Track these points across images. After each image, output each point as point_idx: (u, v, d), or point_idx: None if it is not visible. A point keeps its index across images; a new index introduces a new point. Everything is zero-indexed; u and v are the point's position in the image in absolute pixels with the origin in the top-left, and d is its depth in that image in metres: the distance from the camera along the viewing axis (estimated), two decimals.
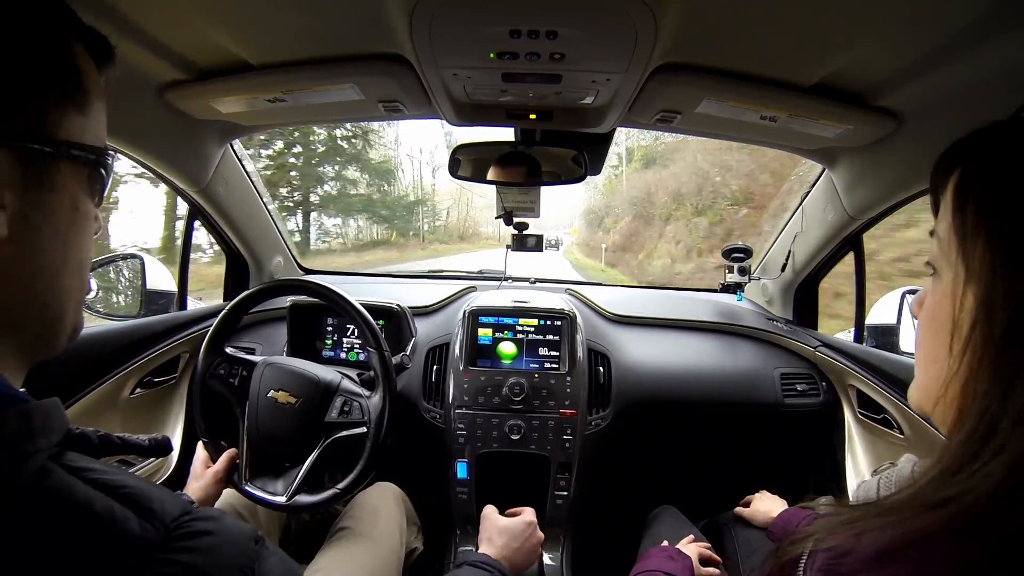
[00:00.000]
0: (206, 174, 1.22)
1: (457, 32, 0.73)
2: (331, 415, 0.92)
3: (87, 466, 0.32)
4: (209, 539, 0.32)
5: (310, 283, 0.97)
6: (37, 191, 0.32)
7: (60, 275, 0.35)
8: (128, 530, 0.30)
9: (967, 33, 0.66)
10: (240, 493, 0.93)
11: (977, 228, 0.33)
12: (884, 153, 1.03)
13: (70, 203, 0.35)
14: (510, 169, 1.25)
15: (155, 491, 0.33)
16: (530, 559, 0.89)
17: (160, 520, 0.31)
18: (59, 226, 0.34)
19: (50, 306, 0.35)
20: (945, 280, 0.36)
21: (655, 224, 13.87)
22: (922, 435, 1.02)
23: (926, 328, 0.39)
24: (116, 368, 1.09)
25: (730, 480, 1.37)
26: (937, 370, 0.36)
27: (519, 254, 1.49)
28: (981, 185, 0.34)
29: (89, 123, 0.35)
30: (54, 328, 0.36)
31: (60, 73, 0.33)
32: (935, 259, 0.38)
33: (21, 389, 0.34)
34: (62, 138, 0.33)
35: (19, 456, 0.29)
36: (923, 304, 0.40)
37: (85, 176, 0.36)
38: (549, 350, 1.25)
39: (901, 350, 1.28)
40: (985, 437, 0.30)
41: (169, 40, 0.83)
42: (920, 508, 0.31)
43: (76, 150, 0.34)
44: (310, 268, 1.81)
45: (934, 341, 0.37)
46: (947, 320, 0.35)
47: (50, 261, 0.34)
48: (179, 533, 0.31)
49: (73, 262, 0.36)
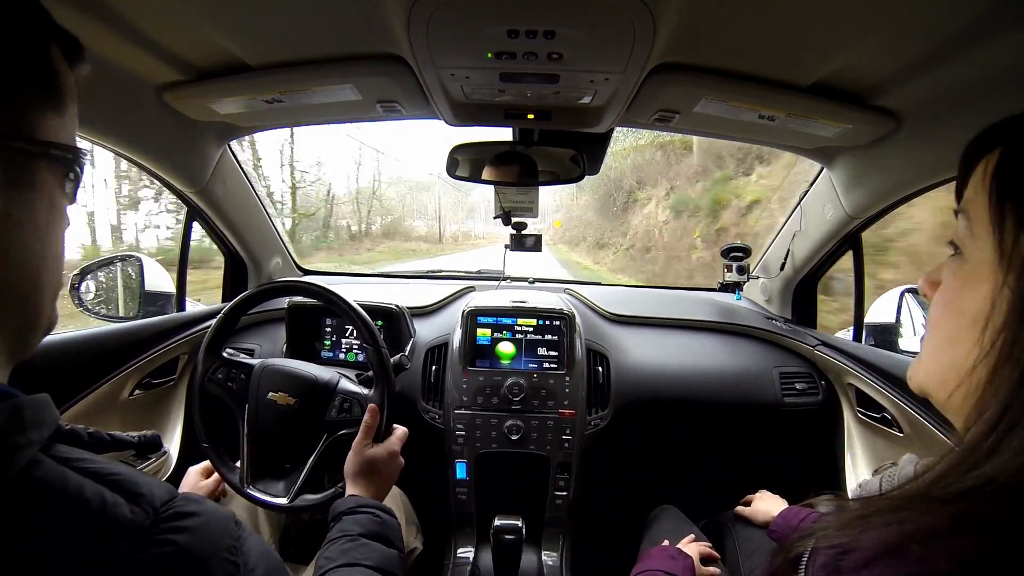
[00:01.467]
0: (204, 175, 1.22)
1: (455, 32, 0.73)
2: (330, 414, 0.92)
3: (76, 456, 0.34)
4: (196, 519, 0.34)
5: (306, 283, 0.97)
6: (19, 189, 0.34)
7: (39, 270, 0.36)
8: (119, 514, 0.31)
9: (966, 33, 0.66)
10: (242, 496, 0.92)
11: (1020, 218, 0.32)
12: (883, 152, 1.03)
13: (48, 201, 0.36)
14: (508, 169, 1.25)
15: (142, 477, 0.35)
16: (389, 485, 0.84)
17: (149, 504, 0.33)
18: (39, 222, 0.35)
19: (30, 300, 0.36)
20: (972, 263, 0.35)
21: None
22: (921, 433, 1.02)
23: (944, 310, 0.38)
24: (115, 369, 1.09)
25: (730, 479, 1.37)
26: (953, 354, 0.35)
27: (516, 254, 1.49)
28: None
29: (65, 124, 0.37)
30: (33, 322, 0.37)
31: (40, 76, 0.35)
32: (960, 240, 0.36)
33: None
34: (42, 138, 0.34)
35: (10, 448, 0.30)
36: (938, 285, 0.38)
37: (61, 175, 0.37)
38: (548, 350, 1.25)
39: (901, 348, 1.28)
40: (1006, 431, 0.29)
41: (167, 41, 0.83)
42: (929, 503, 0.30)
43: (55, 150, 0.35)
44: (309, 269, 1.81)
45: (952, 324, 0.36)
46: (971, 305, 0.34)
47: (30, 256, 0.35)
48: (167, 515, 0.33)
49: (51, 257, 0.37)
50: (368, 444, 0.83)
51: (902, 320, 1.30)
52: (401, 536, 0.74)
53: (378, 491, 0.80)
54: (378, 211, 18.80)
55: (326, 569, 0.63)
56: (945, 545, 0.28)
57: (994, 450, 0.29)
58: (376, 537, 0.69)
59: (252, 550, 0.38)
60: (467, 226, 25.33)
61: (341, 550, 0.65)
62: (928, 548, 0.28)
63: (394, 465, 0.84)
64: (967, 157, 0.37)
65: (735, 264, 1.60)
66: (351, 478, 0.81)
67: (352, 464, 0.81)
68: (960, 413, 0.35)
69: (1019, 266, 0.31)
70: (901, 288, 1.33)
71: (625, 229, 11.86)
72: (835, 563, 0.31)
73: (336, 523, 0.71)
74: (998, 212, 0.33)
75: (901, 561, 0.29)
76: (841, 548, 0.31)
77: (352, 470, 0.81)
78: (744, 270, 1.59)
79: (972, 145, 0.37)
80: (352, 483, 0.80)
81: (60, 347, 0.99)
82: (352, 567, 0.63)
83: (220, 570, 0.35)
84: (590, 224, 14.77)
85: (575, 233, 16.07)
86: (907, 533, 0.29)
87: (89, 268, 1.26)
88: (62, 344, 1.00)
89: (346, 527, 0.69)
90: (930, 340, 0.39)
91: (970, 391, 0.34)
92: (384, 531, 0.71)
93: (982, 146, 0.36)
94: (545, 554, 1.22)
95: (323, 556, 0.65)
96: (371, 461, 0.81)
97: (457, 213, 24.76)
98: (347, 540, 0.67)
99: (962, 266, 0.36)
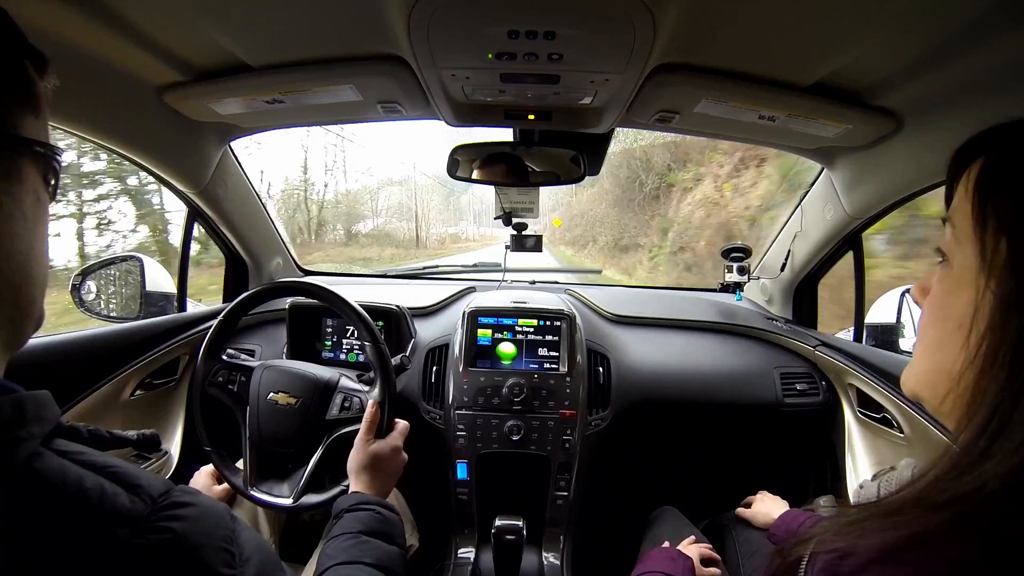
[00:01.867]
0: (205, 176, 1.22)
1: (455, 33, 0.73)
2: (332, 412, 0.92)
3: (76, 449, 0.35)
4: (193, 510, 0.36)
5: (304, 283, 0.97)
6: (8, 182, 0.36)
7: (30, 260, 0.38)
8: (119, 504, 0.33)
9: (966, 33, 0.66)
10: (246, 499, 0.92)
11: (1000, 225, 0.33)
12: (883, 153, 1.03)
13: (33, 194, 0.38)
14: (509, 170, 1.25)
15: (140, 471, 0.36)
16: (392, 483, 0.83)
17: (147, 494, 0.34)
18: (27, 213, 0.38)
19: (22, 289, 0.38)
20: (957, 269, 0.36)
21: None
22: (922, 434, 1.02)
23: (931, 316, 0.39)
24: (116, 370, 1.09)
25: (730, 480, 1.37)
26: (941, 359, 0.36)
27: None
28: (1005, 180, 0.34)
29: (41, 125, 0.40)
30: (26, 313, 0.39)
31: (19, 84, 0.38)
32: (947, 247, 0.37)
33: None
34: (26, 136, 0.37)
35: (13, 440, 0.31)
36: (927, 292, 0.39)
37: (42, 171, 0.40)
38: (549, 350, 1.25)
39: (901, 349, 1.28)
40: (996, 435, 0.30)
41: (167, 42, 0.83)
42: (925, 507, 0.30)
43: (38, 147, 0.38)
44: (310, 269, 1.81)
45: (939, 330, 0.37)
46: (956, 311, 0.35)
47: (22, 246, 0.37)
48: (164, 504, 0.35)
49: (39, 249, 0.39)
50: (371, 439, 0.83)
51: (903, 320, 1.30)
52: (403, 533, 0.74)
53: (382, 486, 0.80)
54: (342, 209, 15.88)
55: (326, 567, 0.63)
56: (941, 549, 0.28)
57: (985, 454, 0.30)
58: (377, 534, 0.69)
59: (247, 542, 0.39)
60: (458, 228, 23.42)
61: (342, 547, 0.65)
62: (925, 552, 0.29)
63: (397, 459, 0.84)
64: (953, 166, 0.38)
65: (735, 264, 1.60)
66: (354, 474, 0.80)
67: (355, 460, 0.81)
68: (952, 417, 0.36)
69: (999, 272, 0.32)
70: (901, 288, 1.33)
71: (663, 225, 8.75)
72: (834, 568, 0.31)
73: (338, 520, 0.71)
74: (980, 219, 0.34)
75: (898, 565, 0.29)
76: (840, 552, 0.32)
77: (355, 466, 0.81)
78: (744, 270, 1.59)
79: (957, 155, 0.38)
80: (356, 479, 0.80)
81: (61, 347, 0.99)
82: (352, 564, 0.63)
83: (215, 557, 0.36)
84: (603, 220, 11.87)
85: (579, 232, 13.53)
86: (904, 537, 0.29)
87: (90, 268, 1.26)
88: (63, 344, 1.00)
89: (347, 524, 0.69)
90: (920, 346, 0.40)
91: (959, 396, 0.34)
92: (385, 528, 0.71)
93: (966, 155, 0.37)
94: (546, 555, 1.22)
95: (324, 553, 0.65)
96: (374, 456, 0.81)
97: (443, 213, 22.56)
98: (348, 537, 0.67)
99: (948, 273, 0.37)
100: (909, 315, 1.31)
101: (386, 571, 0.64)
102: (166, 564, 0.33)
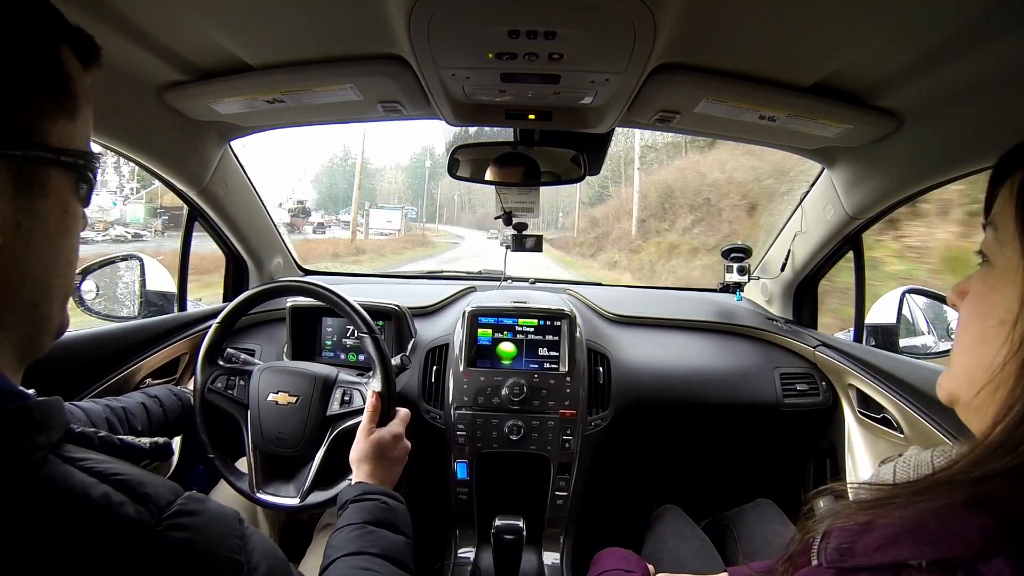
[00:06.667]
0: (205, 175, 1.22)
1: (455, 32, 0.73)
2: (333, 408, 0.92)
3: (82, 456, 0.34)
4: (200, 518, 0.35)
5: (303, 283, 0.97)
6: (29, 197, 0.33)
7: (49, 276, 0.36)
8: (124, 513, 0.32)
9: (966, 33, 0.66)
10: (253, 502, 0.92)
11: None
12: (884, 153, 1.03)
13: (60, 207, 0.35)
14: (509, 169, 1.25)
15: (147, 477, 0.35)
16: (397, 471, 0.83)
17: (154, 503, 0.33)
18: (49, 230, 0.35)
19: (39, 306, 0.36)
20: (999, 269, 0.38)
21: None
22: (922, 435, 1.02)
23: (973, 313, 0.41)
24: (116, 370, 1.09)
25: (731, 479, 1.37)
26: (983, 352, 0.38)
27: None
28: None
29: (78, 128, 0.36)
30: (43, 327, 0.37)
31: (50, 81, 0.34)
32: (988, 249, 0.40)
33: (30, 389, 0.35)
34: (53, 145, 0.34)
35: (18, 450, 0.30)
36: (965, 294, 0.42)
37: (74, 180, 0.36)
38: (549, 350, 1.25)
39: (901, 349, 1.28)
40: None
41: (168, 41, 0.83)
42: (954, 486, 0.32)
43: (66, 156, 0.34)
44: (310, 269, 1.81)
45: (981, 326, 0.39)
46: (998, 307, 0.37)
47: (41, 264, 0.35)
48: (172, 513, 0.34)
49: (62, 263, 0.37)
50: (372, 429, 0.83)
51: (903, 321, 1.31)
52: (409, 522, 0.73)
53: (385, 474, 0.80)
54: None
55: (333, 558, 0.62)
56: (961, 524, 0.30)
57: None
58: (383, 524, 0.68)
59: (256, 548, 0.38)
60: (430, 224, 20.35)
61: (347, 538, 0.65)
62: (944, 528, 0.30)
63: (400, 447, 0.84)
64: (996, 174, 0.41)
65: (736, 265, 1.60)
66: (357, 463, 0.80)
67: (358, 449, 0.81)
68: (985, 410, 0.37)
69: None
70: (902, 289, 1.33)
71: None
72: (850, 545, 0.33)
73: (343, 511, 0.71)
74: (1023, 222, 0.37)
75: (915, 544, 0.30)
76: (856, 530, 0.33)
77: (358, 455, 0.80)
78: (745, 270, 1.59)
79: (1000, 164, 0.40)
80: (359, 468, 0.80)
81: (61, 347, 0.99)
82: (358, 555, 0.62)
83: (223, 568, 0.35)
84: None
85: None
86: (927, 511, 0.31)
87: (90, 268, 1.26)
88: (63, 344, 1.00)
89: (352, 515, 0.69)
90: (959, 344, 0.42)
91: (998, 386, 0.36)
92: (391, 518, 0.70)
93: (1010, 163, 0.39)
94: (546, 554, 1.22)
95: (330, 545, 0.65)
96: (376, 444, 0.81)
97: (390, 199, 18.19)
98: (353, 528, 0.66)
99: (990, 273, 0.39)
100: (909, 315, 1.31)
101: (394, 561, 0.64)
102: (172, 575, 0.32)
